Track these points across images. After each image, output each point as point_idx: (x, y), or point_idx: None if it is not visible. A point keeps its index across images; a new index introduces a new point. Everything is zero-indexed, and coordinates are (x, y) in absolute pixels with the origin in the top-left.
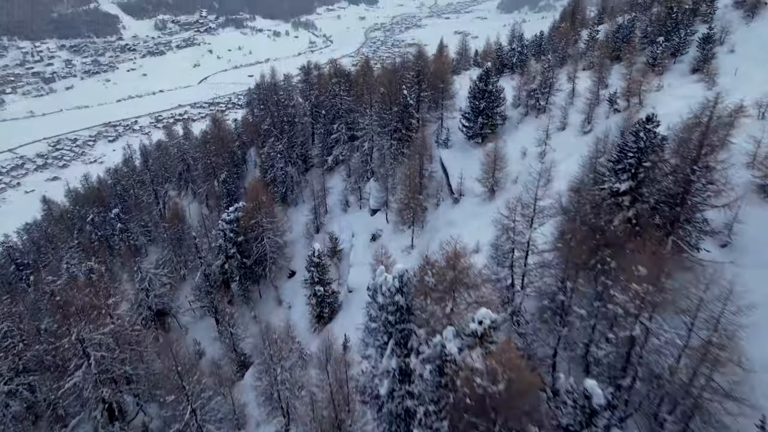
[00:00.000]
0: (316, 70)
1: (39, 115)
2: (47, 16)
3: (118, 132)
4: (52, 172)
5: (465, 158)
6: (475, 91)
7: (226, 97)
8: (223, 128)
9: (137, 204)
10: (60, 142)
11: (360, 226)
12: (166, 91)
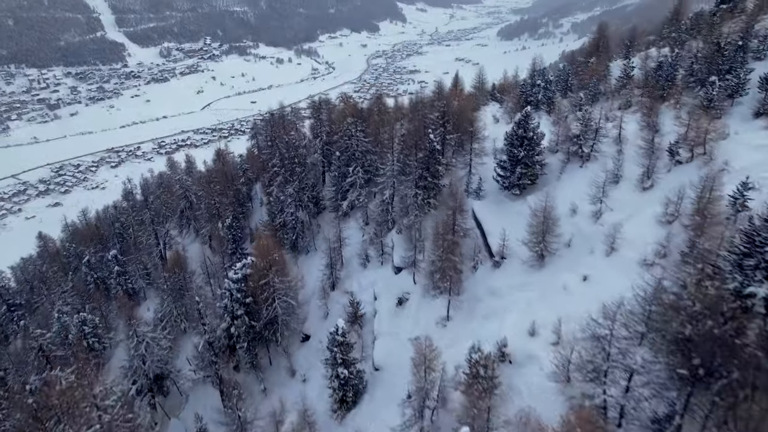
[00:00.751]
0: (326, 106)
1: (43, 141)
2: (55, 44)
3: (121, 158)
4: (54, 198)
5: (501, 212)
6: (513, 137)
7: (228, 123)
8: (227, 162)
9: (136, 244)
10: (63, 167)
11: (383, 287)
12: (169, 117)
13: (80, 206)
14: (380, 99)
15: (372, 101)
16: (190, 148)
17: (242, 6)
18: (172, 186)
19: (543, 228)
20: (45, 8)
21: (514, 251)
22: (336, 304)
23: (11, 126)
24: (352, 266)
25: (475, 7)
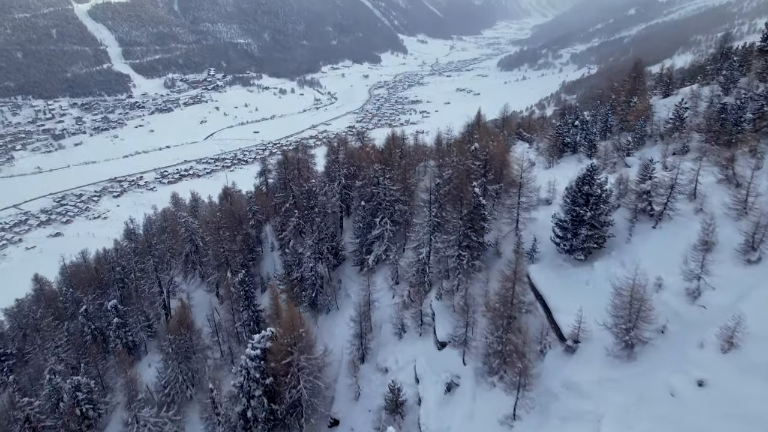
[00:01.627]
0: (343, 146)
1: (46, 170)
2: (62, 76)
3: (123, 187)
4: (55, 228)
5: (564, 281)
6: (576, 194)
7: (231, 153)
8: (234, 202)
9: (138, 291)
10: (65, 197)
11: (425, 366)
12: (172, 147)
13: (81, 237)
14: (394, 140)
15: (389, 140)
16: (193, 177)
17: (246, 38)
18: (176, 227)
19: (632, 311)
20: (54, 41)
21: (590, 334)
22: (368, 383)
23: (15, 156)
24: (385, 335)
25: (475, 38)
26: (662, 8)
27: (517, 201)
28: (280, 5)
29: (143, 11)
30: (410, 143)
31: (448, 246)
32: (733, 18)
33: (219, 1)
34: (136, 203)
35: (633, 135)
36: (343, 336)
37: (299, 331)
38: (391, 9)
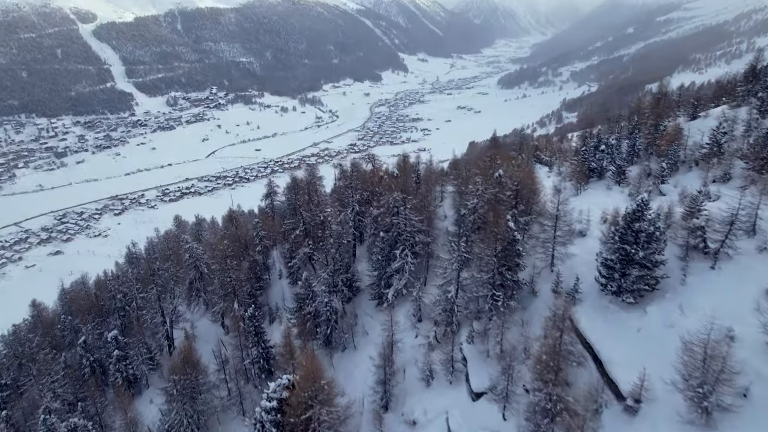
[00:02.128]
0: (357, 171)
1: (48, 188)
2: (66, 94)
3: (125, 205)
4: (56, 246)
5: (612, 326)
6: (625, 231)
7: (233, 171)
8: (240, 226)
9: (139, 320)
10: (66, 215)
11: (460, 420)
12: (174, 165)
13: (81, 255)
14: (407, 161)
15: (400, 163)
16: (194, 195)
17: (248, 57)
18: (179, 250)
19: (708, 372)
20: (59, 61)
21: (653, 393)
22: None
23: (17, 174)
24: (410, 381)
25: (475, 56)
26: (660, 27)
27: (552, 235)
28: (282, 25)
29: (147, 31)
30: (422, 164)
31: (479, 285)
32: (731, 37)
33: (222, 21)
34: (137, 221)
35: (666, 161)
36: (362, 378)
37: (321, 383)
38: (392, 28)
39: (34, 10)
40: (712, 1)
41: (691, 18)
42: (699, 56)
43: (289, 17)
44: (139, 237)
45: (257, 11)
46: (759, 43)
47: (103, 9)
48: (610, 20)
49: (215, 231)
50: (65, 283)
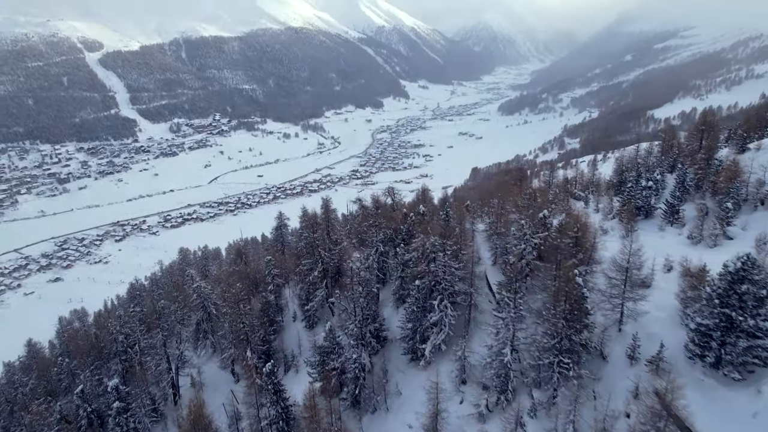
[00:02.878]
0: (377, 207)
1: (50, 214)
2: (70, 121)
3: (126, 231)
4: (55, 273)
5: (715, 405)
6: (727, 293)
7: (235, 197)
8: (250, 262)
9: (142, 365)
10: (67, 241)
11: None
12: (176, 191)
13: (81, 281)
14: (426, 194)
15: (419, 193)
16: (196, 221)
17: (251, 84)
18: (184, 286)
19: None
20: (64, 88)
21: None
22: None
23: (20, 200)
24: None
25: (475, 83)
26: (658, 54)
27: (622, 289)
28: (284, 53)
29: (152, 59)
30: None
31: (542, 350)
32: (729, 63)
33: (225, 49)
34: (138, 247)
35: (730, 200)
36: None
37: None
38: (393, 56)
39: (42, 40)
40: (708, 29)
41: (688, 45)
42: (699, 83)
43: (292, 45)
44: (140, 263)
45: (260, 40)
46: (758, 70)
47: (110, 38)
48: (608, 48)
49: (220, 263)
50: (64, 311)
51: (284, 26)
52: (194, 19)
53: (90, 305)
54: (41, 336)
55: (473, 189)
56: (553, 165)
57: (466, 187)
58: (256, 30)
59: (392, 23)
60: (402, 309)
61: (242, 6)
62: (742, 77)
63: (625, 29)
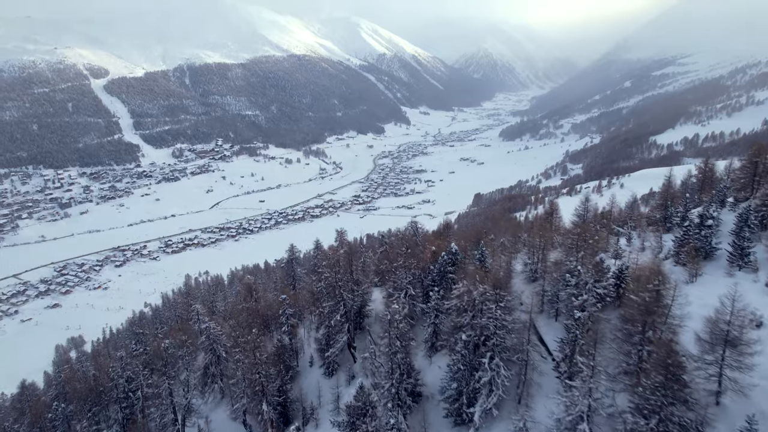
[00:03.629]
0: (405, 244)
1: (50, 239)
2: (74, 146)
3: (126, 256)
4: (54, 299)
5: None
6: None
7: (236, 222)
8: (261, 297)
9: (144, 414)
10: (66, 266)
11: None
12: (177, 216)
13: (80, 308)
14: (450, 227)
15: (442, 227)
16: (197, 247)
17: (254, 110)
18: (191, 324)
19: None
20: (69, 114)
21: None
22: None
23: (20, 225)
24: None
25: (475, 110)
26: (656, 81)
27: (721, 356)
28: (287, 79)
29: (156, 85)
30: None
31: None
32: (728, 90)
33: (229, 76)
34: (138, 273)
35: None
36: None
37: None
38: (394, 83)
39: (49, 67)
40: (705, 57)
41: (685, 73)
42: (699, 109)
43: (295, 72)
44: (140, 289)
45: (264, 66)
46: (758, 96)
47: (116, 65)
48: (607, 75)
49: (225, 294)
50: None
51: (287, 53)
52: (199, 46)
53: (88, 332)
54: (37, 365)
55: (479, 215)
56: (558, 190)
57: (471, 213)
58: (260, 57)
59: (393, 51)
60: (436, 360)
61: (246, 34)
62: (742, 104)
63: (623, 57)
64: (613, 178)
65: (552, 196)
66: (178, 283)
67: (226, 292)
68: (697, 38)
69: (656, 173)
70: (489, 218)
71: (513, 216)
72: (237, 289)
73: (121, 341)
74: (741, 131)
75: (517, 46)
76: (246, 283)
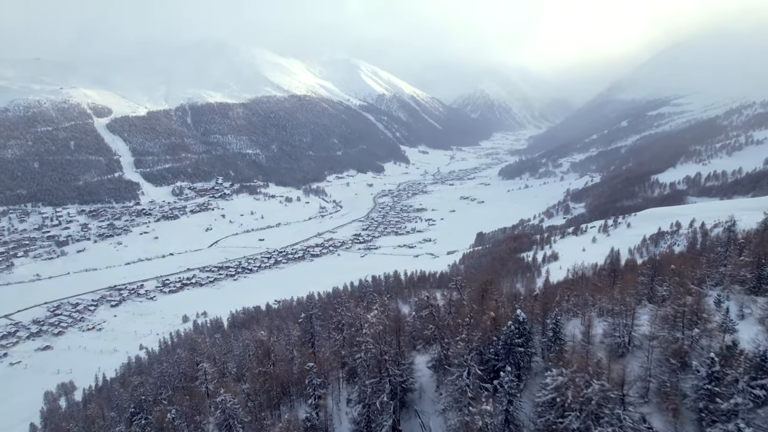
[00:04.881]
0: (464, 312)
1: (45, 277)
2: (74, 184)
3: (123, 296)
4: (45, 341)
5: None
6: None
7: (236, 261)
8: (279, 360)
9: None
10: (60, 306)
11: None
12: (176, 254)
13: (72, 350)
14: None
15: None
16: (195, 286)
17: (254, 149)
18: (197, 386)
19: None
20: (71, 152)
21: None
22: None
23: (15, 263)
24: None
25: (474, 149)
26: (653, 121)
27: None
28: (288, 119)
29: (158, 124)
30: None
31: None
32: (726, 130)
33: (230, 115)
34: (135, 313)
35: None
36: None
37: None
38: (393, 122)
39: (53, 106)
40: (699, 98)
41: (681, 113)
42: (699, 148)
43: (295, 112)
44: (136, 330)
45: (265, 107)
46: (757, 136)
47: (119, 104)
48: (602, 114)
49: (231, 346)
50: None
51: (288, 94)
52: (201, 86)
53: (79, 377)
54: (24, 413)
55: (485, 256)
56: (563, 230)
57: (475, 253)
58: (261, 97)
59: (392, 91)
60: None
61: (248, 75)
62: (742, 143)
63: (618, 97)
64: (619, 218)
65: (558, 236)
66: (176, 323)
67: (231, 343)
68: (689, 80)
69: (663, 213)
70: (496, 259)
71: (520, 257)
72: (245, 341)
73: (114, 392)
74: (743, 170)
75: (513, 87)
76: (262, 343)
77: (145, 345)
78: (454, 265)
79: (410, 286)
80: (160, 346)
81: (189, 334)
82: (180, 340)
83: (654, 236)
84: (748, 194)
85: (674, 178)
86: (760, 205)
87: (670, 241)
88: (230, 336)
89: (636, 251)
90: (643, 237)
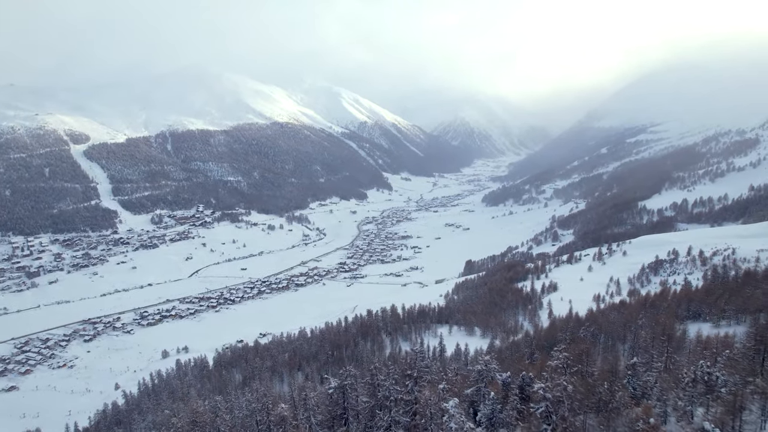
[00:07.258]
0: None
1: (13, 311)
2: (47, 212)
3: (97, 330)
4: (10, 380)
5: None
6: None
7: (217, 291)
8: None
9: None
10: (29, 342)
11: None
12: (154, 285)
13: (40, 390)
14: None
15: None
16: (175, 318)
17: (236, 176)
18: None
19: None
20: (45, 179)
21: None
22: None
23: None
24: None
25: (455, 175)
26: (631, 148)
27: None
28: (270, 146)
29: (137, 151)
30: None
31: None
32: (705, 157)
33: (212, 142)
34: (110, 348)
35: None
36: None
37: None
38: (375, 149)
39: (28, 132)
40: (675, 125)
41: (658, 140)
42: (683, 174)
43: (277, 139)
44: (111, 368)
45: (246, 134)
46: (738, 163)
47: (98, 131)
48: (581, 142)
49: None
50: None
51: (270, 121)
52: (182, 113)
53: (47, 423)
54: None
55: (480, 287)
56: (557, 258)
57: (469, 283)
58: (243, 124)
59: (374, 119)
60: None
61: (230, 102)
62: (723, 170)
63: (595, 125)
64: (613, 245)
65: (552, 264)
66: (155, 358)
67: (232, 402)
68: (664, 109)
69: (658, 240)
70: (493, 290)
71: (518, 287)
72: (249, 403)
73: None
74: (729, 197)
75: (492, 115)
76: (280, 415)
77: (122, 385)
78: (448, 296)
79: (410, 322)
80: (139, 388)
81: (171, 374)
82: (162, 381)
83: (652, 264)
84: (738, 221)
85: (661, 204)
86: (753, 232)
87: (669, 269)
88: (219, 376)
89: (636, 280)
90: (642, 265)
